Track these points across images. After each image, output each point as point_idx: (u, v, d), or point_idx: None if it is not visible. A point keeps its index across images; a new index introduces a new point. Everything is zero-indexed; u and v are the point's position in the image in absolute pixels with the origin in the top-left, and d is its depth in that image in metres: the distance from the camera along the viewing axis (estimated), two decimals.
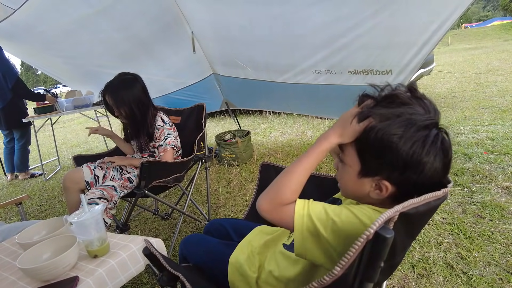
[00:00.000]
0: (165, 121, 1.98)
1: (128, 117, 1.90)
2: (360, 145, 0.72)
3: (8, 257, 1.24)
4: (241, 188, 2.85)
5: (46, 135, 6.59)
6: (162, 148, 1.92)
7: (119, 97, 1.83)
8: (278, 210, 0.75)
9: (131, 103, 1.84)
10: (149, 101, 1.95)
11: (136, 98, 1.86)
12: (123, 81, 1.86)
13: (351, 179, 0.77)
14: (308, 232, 0.72)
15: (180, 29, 3.36)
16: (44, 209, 3.09)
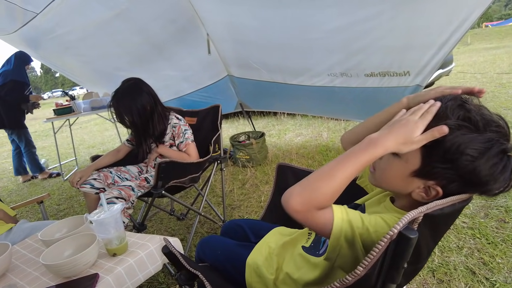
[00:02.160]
0: (179, 119, 2.02)
1: (132, 125, 1.93)
2: (430, 148, 0.67)
3: (31, 254, 1.27)
4: (256, 190, 2.85)
5: (63, 136, 6.75)
6: (183, 144, 1.95)
7: (125, 105, 1.85)
8: (312, 213, 0.69)
9: (133, 110, 1.85)
10: (155, 103, 1.95)
11: (140, 104, 1.86)
12: (127, 89, 1.88)
13: (399, 174, 0.73)
14: (345, 239, 0.69)
15: (195, 31, 3.39)
16: (62, 208, 3.16)
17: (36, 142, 7.36)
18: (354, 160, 0.68)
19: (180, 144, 1.97)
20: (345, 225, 0.69)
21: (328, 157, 3.43)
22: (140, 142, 1.98)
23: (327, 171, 0.70)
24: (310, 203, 0.69)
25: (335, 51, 2.89)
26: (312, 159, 3.44)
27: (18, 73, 4.02)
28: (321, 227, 0.71)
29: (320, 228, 0.71)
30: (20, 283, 1.08)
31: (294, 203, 0.69)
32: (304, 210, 0.69)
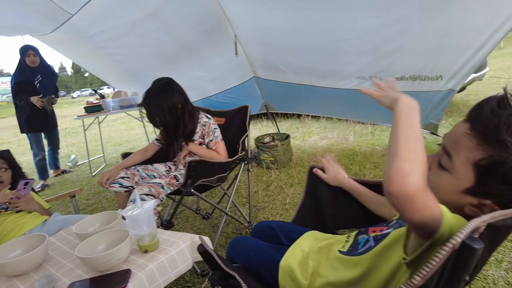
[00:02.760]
0: (209, 118, 2.03)
1: (163, 124, 1.94)
2: (487, 168, 0.62)
3: (66, 246, 1.30)
4: (281, 192, 2.82)
5: (92, 134, 6.95)
6: (213, 142, 1.96)
7: (156, 105, 1.87)
8: (428, 193, 0.58)
9: (165, 109, 1.86)
10: (186, 102, 1.96)
11: (171, 103, 1.88)
12: (158, 88, 1.90)
13: (449, 189, 0.68)
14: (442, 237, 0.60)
15: (223, 32, 3.41)
16: (91, 203, 3.24)
17: (66, 138, 7.68)
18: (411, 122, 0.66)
19: (209, 142, 1.98)
20: (453, 220, 0.60)
21: (355, 162, 3.35)
22: (171, 141, 2.00)
23: (411, 138, 0.62)
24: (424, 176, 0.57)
25: (365, 53, 2.83)
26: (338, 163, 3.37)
27: (18, 73, 3.79)
28: (430, 216, 0.57)
29: (430, 217, 0.57)
30: (56, 274, 1.10)
31: (416, 180, 0.56)
32: (425, 188, 0.57)
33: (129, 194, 1.83)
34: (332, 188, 1.24)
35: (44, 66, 3.91)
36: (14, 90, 3.73)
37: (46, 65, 3.96)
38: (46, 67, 3.95)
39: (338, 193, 1.22)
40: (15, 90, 3.73)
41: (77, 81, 58.36)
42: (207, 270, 1.83)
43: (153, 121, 1.92)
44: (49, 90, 3.85)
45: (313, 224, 1.26)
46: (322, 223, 1.27)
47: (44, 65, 3.91)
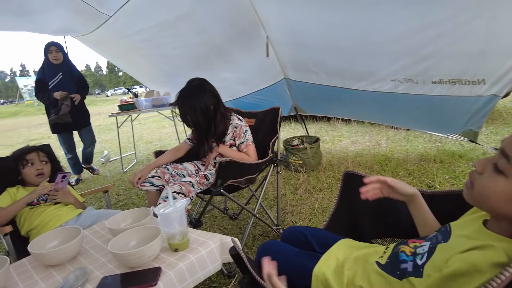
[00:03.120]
0: (240, 119, 2.02)
1: (195, 124, 1.95)
2: None
3: (99, 240, 1.33)
4: (309, 196, 2.77)
5: (124, 131, 7.18)
6: (244, 144, 1.95)
7: (190, 105, 1.88)
8: None
9: (197, 110, 1.87)
10: (218, 103, 1.97)
11: (204, 104, 1.88)
12: (192, 88, 1.91)
13: (505, 196, 0.65)
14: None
15: (255, 33, 3.40)
16: (122, 198, 3.33)
17: (99, 135, 7.97)
18: None
19: (240, 144, 1.97)
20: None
21: (388, 168, 3.24)
22: (202, 141, 2.01)
23: None
24: None
25: (401, 55, 2.72)
26: (370, 168, 3.27)
27: (40, 70, 3.72)
28: None
29: None
30: (90, 267, 1.12)
31: None
32: None
33: (160, 192, 1.85)
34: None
35: (68, 64, 3.78)
36: (35, 88, 3.75)
37: (69, 63, 3.81)
38: (70, 65, 3.81)
39: (377, 201, 1.16)
40: (35, 88, 3.74)
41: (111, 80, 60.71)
42: (234, 271, 1.82)
43: (186, 120, 1.93)
44: (69, 90, 3.66)
45: (346, 231, 1.21)
46: (357, 231, 1.22)
47: (67, 63, 3.77)
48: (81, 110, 3.86)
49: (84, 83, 3.96)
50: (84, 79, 3.99)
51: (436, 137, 4.01)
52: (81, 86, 3.87)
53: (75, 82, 3.80)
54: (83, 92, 3.91)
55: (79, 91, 3.78)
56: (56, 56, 3.61)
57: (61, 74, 3.66)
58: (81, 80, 3.92)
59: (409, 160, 3.37)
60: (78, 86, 3.82)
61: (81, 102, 3.85)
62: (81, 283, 1.02)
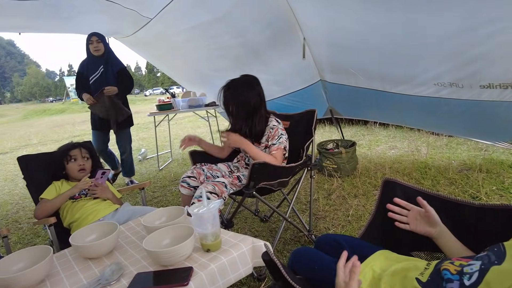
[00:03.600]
0: (278, 122, 2.00)
1: (233, 116, 1.97)
2: None
3: (134, 236, 1.37)
4: (343, 202, 2.69)
5: (161, 130, 7.41)
6: (275, 146, 1.92)
7: (235, 94, 1.92)
8: None
9: (239, 101, 1.91)
10: (260, 104, 1.98)
11: (246, 98, 1.91)
12: (244, 82, 1.94)
13: None
14: None
15: (292, 35, 3.37)
16: (156, 195, 3.43)
17: (137, 133, 8.29)
18: None
19: (272, 145, 1.95)
20: None
21: (427, 176, 3.07)
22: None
23: None
24: None
25: (446, 58, 2.57)
26: (409, 176, 3.12)
27: (80, 64, 3.48)
28: None
29: None
30: (125, 263, 1.15)
31: None
32: None
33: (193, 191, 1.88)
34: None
35: (110, 57, 3.46)
36: (76, 82, 3.49)
37: (112, 55, 3.48)
38: (112, 57, 3.48)
39: None
40: (76, 82, 3.48)
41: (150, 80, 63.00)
42: (264, 275, 1.80)
43: (226, 107, 1.97)
44: (110, 85, 3.32)
45: (384, 242, 1.15)
46: (395, 242, 1.15)
47: (110, 55, 3.46)
48: (119, 107, 3.45)
49: (124, 76, 3.54)
50: (125, 72, 3.58)
51: (482, 144, 3.75)
52: (120, 79, 3.48)
53: (118, 75, 3.47)
54: (123, 85, 3.48)
55: (118, 85, 3.41)
56: (97, 46, 3.32)
57: (102, 67, 3.38)
58: (122, 72, 3.52)
59: (451, 168, 3.18)
60: (118, 79, 3.45)
61: (121, 98, 3.48)
62: (116, 278, 1.04)
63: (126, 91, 3.58)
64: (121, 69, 3.50)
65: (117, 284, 1.02)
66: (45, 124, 16.25)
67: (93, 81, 3.36)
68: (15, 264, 1.14)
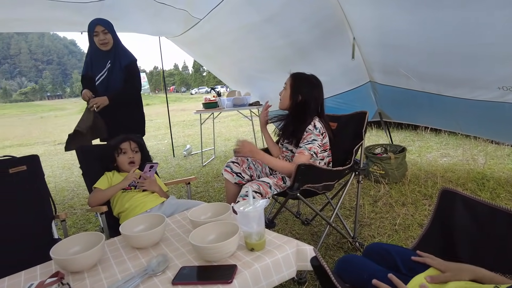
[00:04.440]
0: (316, 127, 1.90)
1: (292, 108, 1.97)
2: None
3: (179, 229, 1.39)
4: (390, 210, 2.56)
5: (205, 127, 7.61)
6: (300, 149, 1.87)
7: (299, 86, 1.95)
8: None
9: (300, 91, 1.93)
10: (314, 109, 1.96)
11: (308, 98, 1.93)
12: (311, 79, 1.97)
13: None
14: None
15: (341, 35, 3.28)
16: (199, 191, 3.50)
17: (183, 130, 8.57)
18: None
19: (299, 148, 1.89)
20: None
21: (485, 188, 2.83)
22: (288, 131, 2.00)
23: None
24: None
25: None
26: (463, 186, 2.90)
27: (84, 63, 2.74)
28: None
29: None
30: (170, 255, 1.17)
31: None
32: None
33: (238, 186, 1.90)
34: (477, 218, 1.02)
35: (118, 48, 2.63)
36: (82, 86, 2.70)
37: (120, 47, 2.65)
38: (121, 49, 2.65)
39: (485, 226, 1.00)
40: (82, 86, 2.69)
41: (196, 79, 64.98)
42: (305, 279, 1.76)
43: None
44: (118, 85, 2.60)
45: (439, 257, 1.06)
46: (452, 258, 1.06)
47: (118, 47, 2.63)
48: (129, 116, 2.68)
49: (133, 72, 2.68)
50: (134, 67, 2.70)
51: None
52: (128, 76, 2.63)
53: (123, 70, 2.64)
54: (129, 85, 2.64)
55: (125, 84, 2.62)
56: (104, 39, 2.53)
57: (109, 63, 2.59)
58: (131, 67, 2.66)
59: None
60: (126, 76, 2.63)
61: (131, 105, 2.69)
62: (162, 269, 1.06)
63: (133, 91, 2.70)
64: (131, 63, 2.67)
65: (163, 276, 1.04)
66: None
67: (100, 82, 2.61)
68: (72, 247, 1.21)
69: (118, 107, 2.56)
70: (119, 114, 2.58)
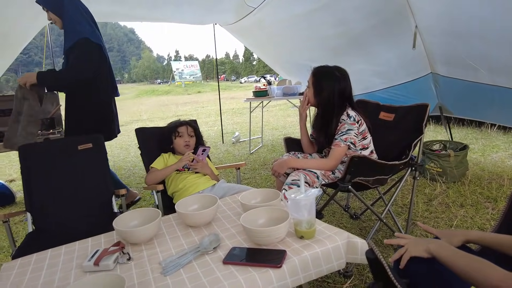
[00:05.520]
0: (349, 116, 1.81)
1: (319, 106, 1.92)
2: None
3: (230, 211, 1.43)
4: (446, 210, 2.40)
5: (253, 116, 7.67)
6: (335, 142, 1.80)
7: (321, 82, 1.87)
8: None
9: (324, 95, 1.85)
10: (342, 103, 1.86)
11: (333, 92, 1.83)
12: (333, 72, 1.86)
13: None
14: None
15: (401, 23, 3.09)
16: (246, 177, 3.56)
17: (232, 118, 8.72)
18: None
19: (334, 140, 1.82)
20: None
21: None
22: (320, 129, 1.94)
23: None
24: None
25: None
26: None
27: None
28: None
29: None
30: (221, 235, 1.21)
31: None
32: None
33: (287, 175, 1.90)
34: None
35: (66, 32, 2.16)
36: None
37: (68, 29, 2.15)
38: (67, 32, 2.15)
39: None
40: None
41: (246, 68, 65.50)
42: (351, 272, 1.73)
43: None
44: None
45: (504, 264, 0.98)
46: None
47: (66, 30, 2.16)
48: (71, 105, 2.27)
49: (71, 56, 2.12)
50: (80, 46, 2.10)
51: None
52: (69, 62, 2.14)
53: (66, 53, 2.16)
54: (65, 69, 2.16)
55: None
56: (50, 18, 2.20)
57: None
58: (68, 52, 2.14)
59: None
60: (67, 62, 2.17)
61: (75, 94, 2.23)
62: (213, 248, 1.11)
63: (67, 76, 2.13)
64: (71, 47, 2.11)
65: (214, 254, 1.08)
66: (153, 103, 18.31)
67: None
68: (131, 221, 1.30)
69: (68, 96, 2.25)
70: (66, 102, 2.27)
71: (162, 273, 1.00)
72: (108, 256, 1.08)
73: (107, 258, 1.07)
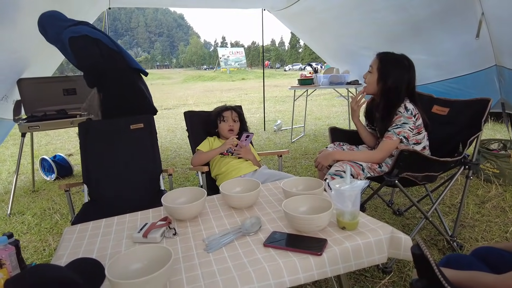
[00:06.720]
0: (407, 109, 1.72)
1: (380, 95, 1.82)
2: None
3: (271, 197, 1.45)
4: (501, 214, 2.24)
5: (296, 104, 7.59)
6: (388, 134, 1.72)
7: (388, 69, 1.77)
8: None
9: (390, 82, 1.76)
10: (405, 95, 1.77)
11: (399, 82, 1.75)
12: (402, 61, 1.77)
13: None
14: None
15: (465, 10, 2.86)
16: (287, 165, 3.57)
17: (274, 106, 8.71)
18: None
19: (387, 131, 1.73)
20: None
21: None
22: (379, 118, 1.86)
23: None
24: None
25: None
26: None
27: None
28: None
29: None
30: (262, 219, 1.24)
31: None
32: None
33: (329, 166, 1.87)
34: None
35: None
36: None
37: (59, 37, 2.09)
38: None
39: None
40: None
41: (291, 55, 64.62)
42: (390, 268, 1.68)
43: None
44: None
45: None
46: None
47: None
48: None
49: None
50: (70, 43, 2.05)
51: None
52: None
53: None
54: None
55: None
56: None
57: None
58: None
59: None
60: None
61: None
62: (254, 230, 1.13)
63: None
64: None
65: (255, 236, 1.11)
66: (199, 88, 18.78)
67: None
68: (178, 198, 1.37)
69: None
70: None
71: (205, 249, 1.04)
72: (156, 229, 1.15)
73: (155, 231, 1.14)
